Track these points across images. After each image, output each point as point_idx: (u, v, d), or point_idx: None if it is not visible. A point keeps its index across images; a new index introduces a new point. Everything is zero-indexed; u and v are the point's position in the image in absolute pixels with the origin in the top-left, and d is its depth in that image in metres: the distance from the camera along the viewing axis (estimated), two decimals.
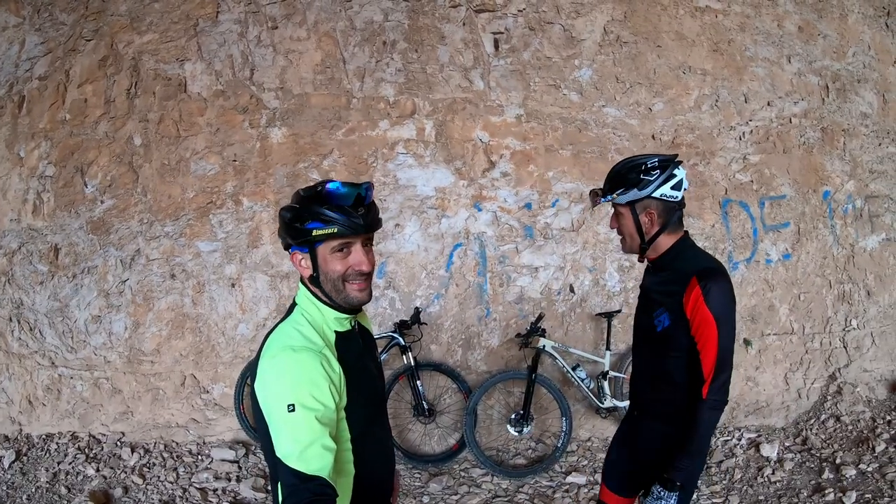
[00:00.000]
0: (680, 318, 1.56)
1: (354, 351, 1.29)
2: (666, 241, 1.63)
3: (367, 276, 1.25)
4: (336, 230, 1.17)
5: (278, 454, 1.10)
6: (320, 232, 1.17)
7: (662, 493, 1.57)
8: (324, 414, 1.13)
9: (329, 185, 1.20)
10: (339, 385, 1.20)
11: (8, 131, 3.61)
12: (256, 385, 1.17)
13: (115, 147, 3.54)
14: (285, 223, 1.22)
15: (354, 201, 1.19)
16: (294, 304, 1.30)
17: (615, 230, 1.70)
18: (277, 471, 1.12)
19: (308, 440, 1.09)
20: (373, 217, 1.22)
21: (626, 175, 1.61)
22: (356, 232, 1.18)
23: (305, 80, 3.51)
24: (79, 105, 3.56)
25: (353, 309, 1.27)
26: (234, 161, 3.52)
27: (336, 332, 1.27)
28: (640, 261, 1.71)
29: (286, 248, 1.27)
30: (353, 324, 1.33)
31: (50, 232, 3.57)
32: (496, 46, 3.56)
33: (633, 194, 1.59)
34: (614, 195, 1.62)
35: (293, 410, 1.10)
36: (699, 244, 3.64)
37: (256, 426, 1.22)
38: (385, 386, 1.52)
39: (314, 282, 1.25)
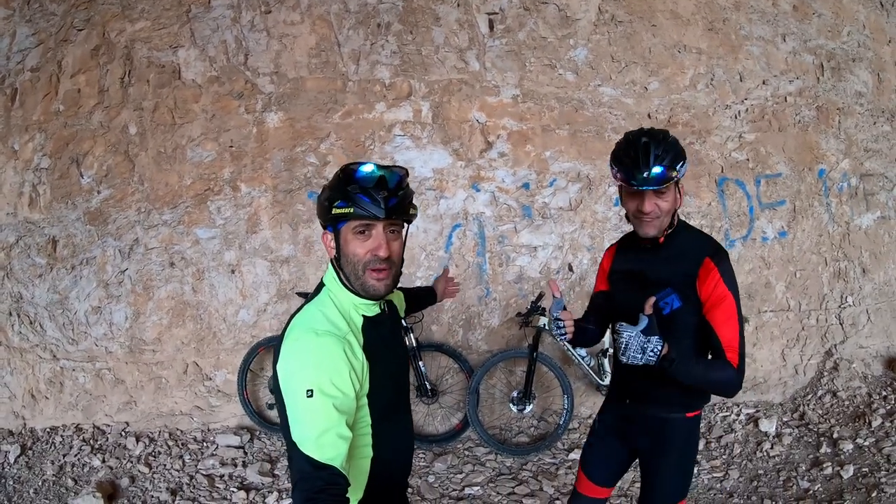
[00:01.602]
0: (691, 299, 1.51)
1: (382, 335, 1.28)
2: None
3: (388, 264, 1.22)
4: (353, 210, 1.17)
5: (294, 438, 1.11)
6: (338, 211, 1.18)
7: (657, 343, 1.43)
8: (342, 402, 1.12)
9: (360, 166, 1.21)
10: (361, 373, 1.18)
11: (1, 124, 3.57)
12: (278, 366, 1.17)
13: (111, 136, 3.52)
14: (318, 202, 1.25)
15: (377, 184, 1.18)
16: (322, 285, 1.29)
17: (651, 211, 1.48)
18: (292, 453, 1.12)
19: (324, 427, 1.09)
20: (398, 203, 1.20)
21: (676, 146, 1.47)
22: (374, 215, 1.17)
23: (300, 64, 3.50)
24: (72, 96, 3.53)
25: (373, 297, 1.24)
26: (231, 147, 3.50)
27: (364, 316, 1.25)
28: (650, 243, 1.57)
29: (323, 227, 1.27)
30: (382, 306, 1.31)
31: (47, 224, 3.55)
32: (491, 27, 3.55)
33: (685, 168, 1.47)
34: (675, 172, 1.43)
35: (311, 396, 1.09)
36: (696, 223, 3.72)
37: (276, 405, 1.21)
38: (408, 368, 1.52)
39: (338, 263, 1.25)
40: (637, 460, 1.76)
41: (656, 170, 1.42)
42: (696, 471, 3.14)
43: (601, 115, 3.58)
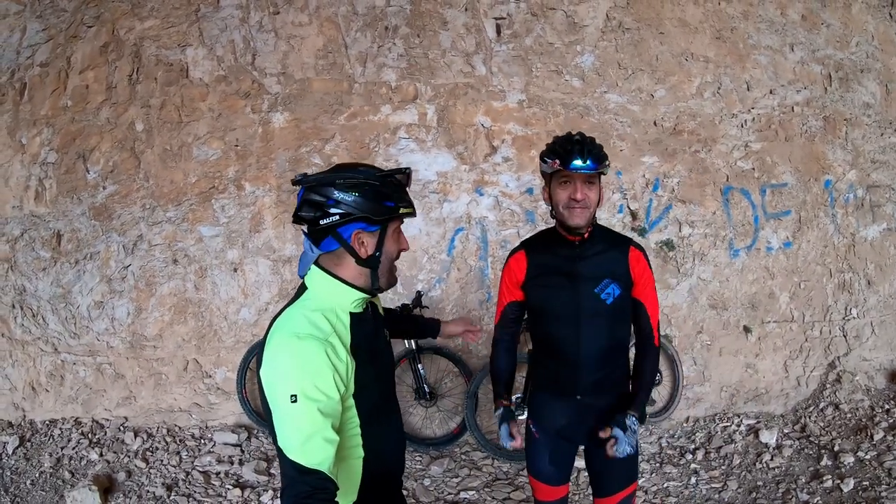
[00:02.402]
0: (626, 284, 1.68)
1: (367, 333, 1.29)
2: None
3: None
4: (412, 209, 1.27)
5: (279, 444, 1.10)
6: (406, 210, 1.26)
7: (636, 426, 1.65)
8: (326, 405, 1.11)
9: (401, 169, 1.28)
10: (346, 374, 1.18)
11: (9, 118, 3.61)
12: (262, 371, 1.16)
13: (117, 133, 3.54)
14: (367, 199, 1.19)
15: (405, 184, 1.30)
16: (303, 288, 1.28)
17: (582, 199, 1.61)
18: (279, 459, 1.12)
19: (309, 432, 1.09)
20: None
21: (602, 149, 1.64)
22: (414, 213, 1.29)
23: (307, 66, 3.51)
24: (80, 91, 3.56)
25: (389, 288, 1.31)
26: (237, 146, 3.52)
27: (352, 314, 1.26)
28: (575, 237, 1.68)
29: (373, 223, 1.24)
30: (365, 304, 1.32)
31: (52, 218, 3.58)
32: (498, 32, 3.56)
33: (608, 167, 1.65)
34: (603, 165, 1.60)
35: (295, 401, 1.09)
36: (701, 232, 3.70)
37: (263, 411, 1.21)
38: (395, 364, 1.54)
39: (370, 263, 1.24)
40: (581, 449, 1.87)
41: (589, 160, 1.58)
42: (694, 481, 3.12)
43: (607, 122, 3.58)
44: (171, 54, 3.53)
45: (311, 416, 1.09)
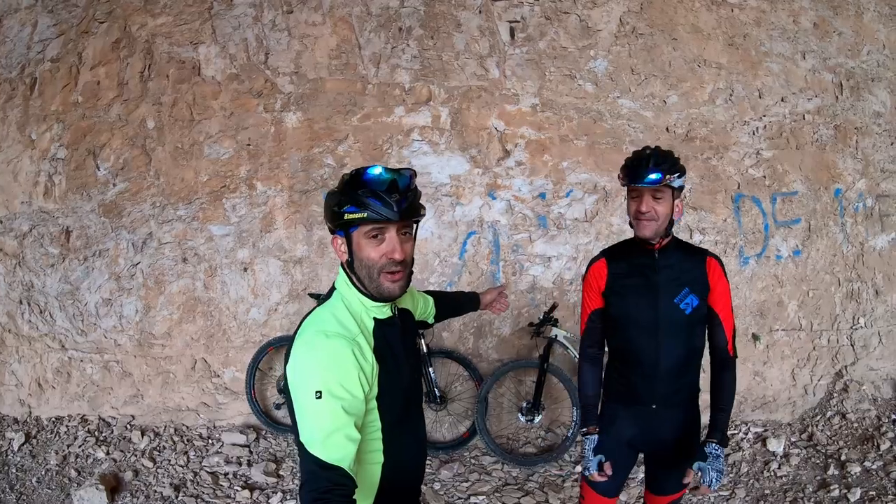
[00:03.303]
0: (704, 294, 1.70)
1: (393, 339, 1.28)
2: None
3: (402, 266, 1.22)
4: (366, 215, 1.16)
5: (301, 439, 1.11)
6: (352, 216, 1.16)
7: (719, 451, 1.66)
8: (351, 403, 1.12)
9: (368, 170, 1.19)
10: (371, 375, 1.19)
11: (20, 113, 3.59)
12: (288, 367, 1.17)
13: (128, 130, 3.53)
14: (327, 206, 1.23)
15: (388, 187, 1.17)
16: (333, 288, 1.30)
17: (647, 212, 1.66)
18: (300, 454, 1.12)
19: (332, 428, 1.09)
20: (409, 204, 1.19)
21: (677, 162, 1.68)
22: (387, 218, 1.16)
23: (320, 65, 3.50)
24: (91, 87, 3.54)
25: (388, 299, 1.25)
26: (249, 145, 3.50)
27: (375, 318, 1.26)
28: (651, 246, 1.72)
29: (331, 232, 1.26)
30: (393, 310, 1.31)
31: (61, 215, 3.56)
32: (512, 35, 3.55)
33: (681, 181, 1.68)
34: (670, 177, 1.64)
35: (320, 397, 1.10)
36: (712, 238, 3.70)
37: (286, 405, 1.22)
38: (420, 375, 1.52)
39: (350, 267, 1.24)
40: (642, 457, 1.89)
41: (653, 175, 1.63)
42: None
43: (619, 128, 3.58)
44: (183, 52, 3.52)
45: (335, 413, 1.10)
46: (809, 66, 3.75)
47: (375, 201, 1.15)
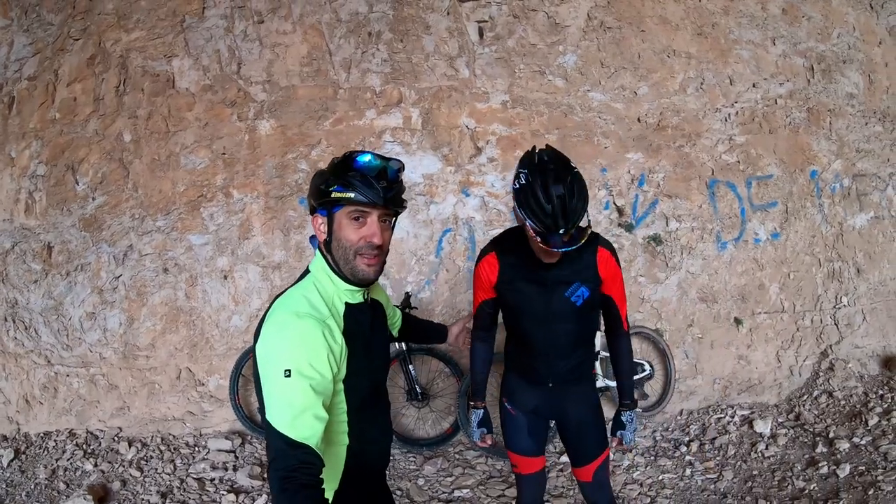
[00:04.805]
0: (595, 283, 1.73)
1: (363, 324, 1.30)
2: None
3: (379, 252, 1.26)
4: (353, 195, 1.20)
5: (268, 417, 1.12)
6: (339, 195, 1.21)
7: (632, 415, 1.90)
8: (319, 383, 1.14)
9: (360, 155, 1.25)
10: (340, 357, 1.21)
11: None
12: (257, 346, 1.19)
13: (106, 144, 3.57)
14: (313, 185, 1.27)
15: (378, 174, 1.22)
16: (307, 271, 1.32)
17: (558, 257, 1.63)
18: (268, 432, 1.13)
19: (301, 407, 1.11)
20: (395, 194, 1.25)
21: (585, 188, 1.52)
22: (373, 201, 1.21)
23: (292, 73, 3.54)
24: (68, 104, 3.58)
25: (362, 282, 1.28)
26: (224, 154, 3.54)
27: (347, 303, 1.28)
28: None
29: (311, 212, 1.30)
30: (365, 297, 1.34)
31: (43, 230, 3.59)
32: (481, 35, 3.59)
33: (585, 220, 1.55)
34: (588, 224, 1.55)
35: (289, 376, 1.11)
36: (687, 225, 3.71)
37: (255, 386, 1.24)
38: (389, 363, 1.55)
39: (328, 247, 1.27)
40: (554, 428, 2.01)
41: (567, 247, 1.49)
42: (690, 473, 3.13)
43: (590, 120, 3.61)
44: (157, 65, 3.56)
45: (304, 392, 1.11)
46: (780, 51, 3.78)
47: (363, 184, 1.21)
